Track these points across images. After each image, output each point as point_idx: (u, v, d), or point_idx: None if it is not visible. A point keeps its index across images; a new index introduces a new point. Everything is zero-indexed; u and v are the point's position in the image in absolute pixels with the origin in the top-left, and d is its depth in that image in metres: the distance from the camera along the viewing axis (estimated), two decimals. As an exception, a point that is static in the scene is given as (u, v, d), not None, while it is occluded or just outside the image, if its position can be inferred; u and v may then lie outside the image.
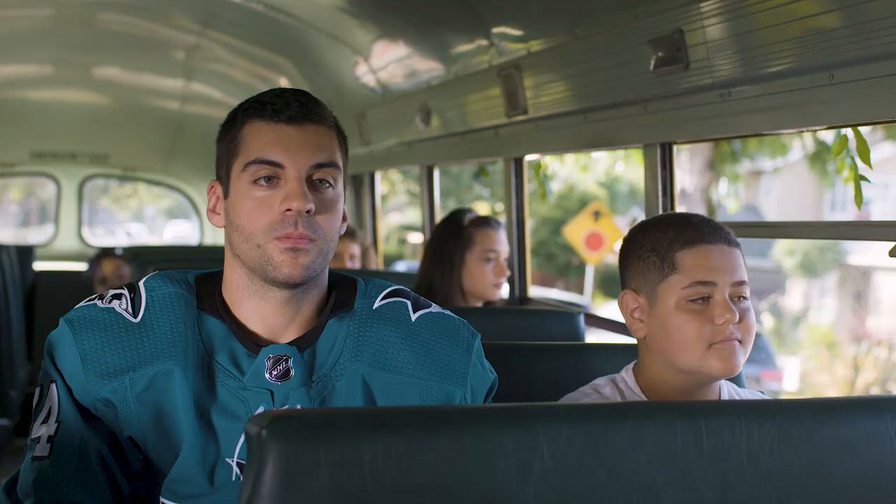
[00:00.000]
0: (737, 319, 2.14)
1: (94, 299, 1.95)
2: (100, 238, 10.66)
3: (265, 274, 1.89)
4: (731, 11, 2.68)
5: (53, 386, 1.90)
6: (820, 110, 2.55)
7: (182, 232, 15.03)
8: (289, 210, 1.87)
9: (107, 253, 7.02)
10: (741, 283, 2.18)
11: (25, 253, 8.07)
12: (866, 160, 2.76)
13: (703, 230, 2.20)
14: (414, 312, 2.00)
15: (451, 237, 3.97)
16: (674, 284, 2.18)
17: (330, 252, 1.93)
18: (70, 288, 7.21)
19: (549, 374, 2.62)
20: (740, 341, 2.15)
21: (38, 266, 8.37)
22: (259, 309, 1.94)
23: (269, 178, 1.89)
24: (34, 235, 17.14)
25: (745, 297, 2.18)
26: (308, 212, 1.87)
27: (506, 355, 2.54)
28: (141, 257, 5.93)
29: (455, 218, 4.06)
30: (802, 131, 2.79)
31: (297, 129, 1.91)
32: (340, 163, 1.95)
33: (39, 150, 8.51)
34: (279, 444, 1.30)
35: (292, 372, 1.91)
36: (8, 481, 1.91)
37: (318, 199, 1.90)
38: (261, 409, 1.88)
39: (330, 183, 1.92)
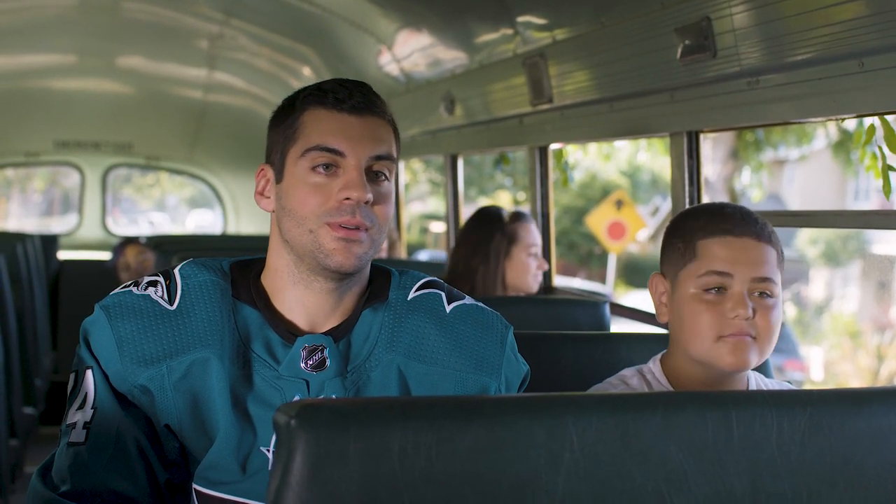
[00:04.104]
0: (749, 315, 2.10)
1: (129, 286, 1.94)
2: (123, 227, 10.70)
3: (315, 261, 1.89)
4: (760, -1, 2.67)
5: (89, 372, 1.89)
6: (849, 98, 2.53)
7: (204, 221, 15.06)
8: (348, 199, 1.87)
9: (130, 241, 7.05)
10: (764, 279, 2.14)
11: (49, 242, 8.11)
12: (894, 149, 2.73)
13: (731, 221, 2.18)
14: (448, 304, 1.99)
15: (496, 232, 3.97)
16: (692, 272, 2.17)
17: (380, 243, 1.94)
18: (94, 277, 7.27)
19: (575, 363, 2.62)
20: (755, 338, 2.12)
21: (62, 255, 8.40)
22: (302, 298, 1.94)
23: (327, 166, 1.89)
24: (57, 224, 17.22)
25: (768, 295, 2.14)
26: (367, 202, 1.87)
27: (532, 344, 2.53)
28: (164, 246, 5.94)
29: (494, 213, 4.05)
30: (831, 119, 2.76)
31: (358, 119, 1.91)
32: (395, 157, 1.97)
33: (63, 140, 8.54)
34: (308, 433, 1.29)
35: (328, 362, 1.91)
36: (42, 467, 1.91)
37: (375, 190, 1.90)
38: (297, 399, 1.87)
39: (385, 175, 1.93)
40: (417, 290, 1.99)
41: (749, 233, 2.17)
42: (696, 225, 2.21)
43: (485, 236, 4.00)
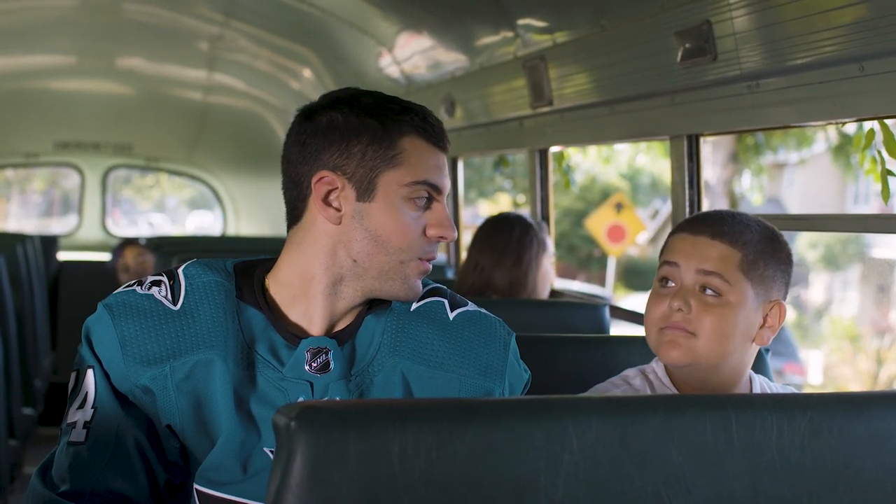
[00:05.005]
0: (680, 306, 2.11)
1: (132, 285, 1.93)
2: (122, 228, 10.69)
3: (388, 287, 1.92)
4: (760, 2, 2.67)
5: (90, 371, 1.89)
6: (850, 102, 2.53)
7: (204, 222, 15.06)
8: (442, 237, 1.93)
9: (130, 242, 7.06)
10: (709, 272, 2.12)
11: (49, 243, 8.11)
12: (894, 153, 2.73)
13: (694, 221, 2.22)
14: (452, 311, 2.00)
15: (533, 240, 3.97)
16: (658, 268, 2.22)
17: None
18: (94, 278, 7.27)
19: (574, 366, 2.61)
20: (693, 334, 2.11)
21: (62, 256, 8.40)
22: (324, 307, 1.94)
23: (426, 201, 1.92)
24: (57, 225, 17.21)
25: (715, 293, 2.12)
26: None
27: (532, 347, 2.52)
28: (163, 248, 5.94)
29: (526, 221, 4.05)
30: (831, 123, 2.77)
31: (444, 156, 1.97)
32: None
33: (63, 141, 8.54)
34: (308, 435, 1.29)
35: (332, 364, 1.91)
36: (41, 466, 1.90)
37: None
38: (301, 400, 1.87)
39: None
40: (421, 299, 2.00)
41: (705, 231, 2.17)
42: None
43: (523, 244, 3.99)
